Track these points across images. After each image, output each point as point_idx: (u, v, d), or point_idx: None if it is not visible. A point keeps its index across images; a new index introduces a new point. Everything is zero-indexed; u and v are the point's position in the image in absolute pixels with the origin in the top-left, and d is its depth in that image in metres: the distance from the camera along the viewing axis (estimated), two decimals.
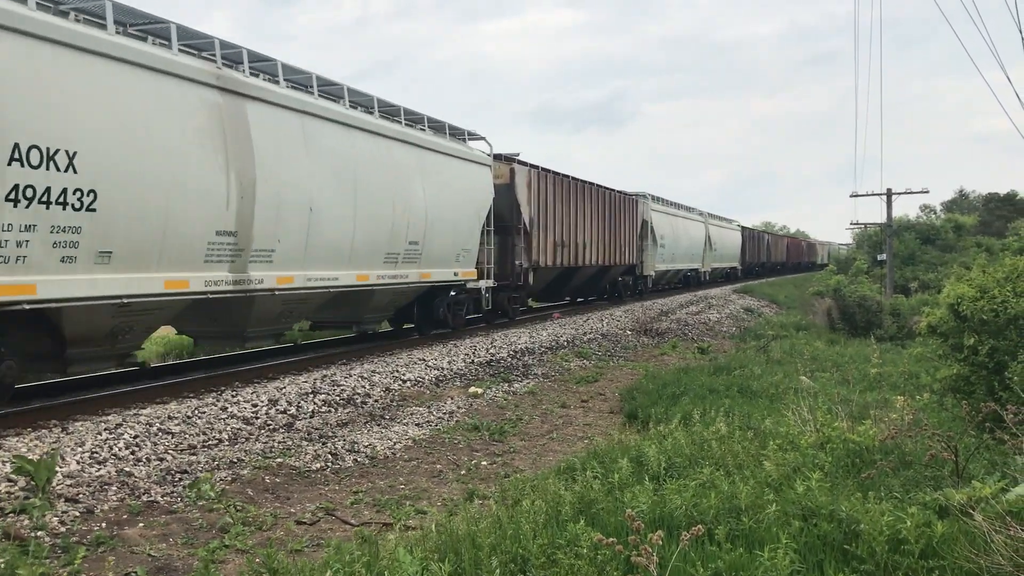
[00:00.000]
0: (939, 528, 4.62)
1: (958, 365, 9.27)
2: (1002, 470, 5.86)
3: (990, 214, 76.37)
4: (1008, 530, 4.37)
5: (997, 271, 9.72)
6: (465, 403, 11.75)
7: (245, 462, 8.12)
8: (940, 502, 5.20)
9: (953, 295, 9.49)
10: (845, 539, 4.76)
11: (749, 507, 5.20)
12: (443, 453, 9.00)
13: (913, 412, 7.66)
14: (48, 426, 8.90)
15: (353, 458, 8.56)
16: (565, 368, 15.65)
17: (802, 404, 8.03)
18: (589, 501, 5.66)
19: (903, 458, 6.54)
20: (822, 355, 16.91)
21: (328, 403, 11.02)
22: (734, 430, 7.94)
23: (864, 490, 5.61)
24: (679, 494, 5.44)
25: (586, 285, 30.15)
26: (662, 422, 9.30)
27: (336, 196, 13.35)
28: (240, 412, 10.00)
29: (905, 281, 41.46)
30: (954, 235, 51.15)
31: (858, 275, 36.12)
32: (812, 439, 6.98)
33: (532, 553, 4.60)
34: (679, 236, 39.08)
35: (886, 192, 40.95)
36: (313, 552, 5.87)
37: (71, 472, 7.32)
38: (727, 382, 12.20)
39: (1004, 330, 8.74)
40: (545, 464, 8.42)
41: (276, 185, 11.82)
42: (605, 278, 30.87)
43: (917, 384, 11.83)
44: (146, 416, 9.40)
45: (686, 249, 40.80)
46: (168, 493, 7.05)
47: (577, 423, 10.85)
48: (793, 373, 13.20)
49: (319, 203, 12.82)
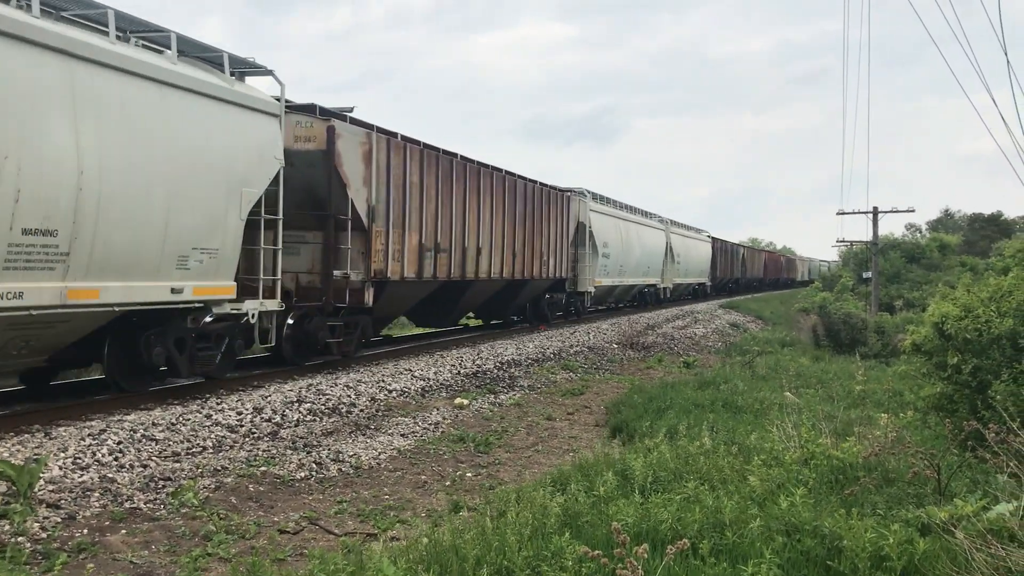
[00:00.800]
0: (921, 545, 4.65)
1: (941, 383, 9.34)
2: (984, 488, 5.90)
3: (975, 234, 77.02)
4: (989, 548, 4.40)
5: (981, 291, 9.81)
6: (451, 414, 11.73)
7: (229, 470, 8.08)
8: (922, 519, 5.23)
9: (937, 314, 9.56)
10: (828, 555, 4.78)
11: (733, 522, 5.22)
12: (428, 464, 8.98)
13: (896, 429, 7.71)
14: (31, 431, 8.83)
15: (338, 467, 8.54)
16: (551, 380, 15.66)
17: (786, 420, 8.07)
18: (574, 513, 5.67)
19: (886, 475, 6.58)
20: (807, 371, 16.97)
21: (313, 412, 10.98)
22: (719, 445, 7.96)
23: (847, 506, 5.64)
24: (664, 508, 5.45)
25: (491, 305, 23.28)
26: (647, 436, 9.32)
27: None
28: (225, 420, 9.95)
29: (890, 299, 41.70)
30: (939, 254, 51.54)
31: (843, 292, 36.34)
32: (796, 455, 7.01)
33: (517, 565, 4.61)
34: (630, 244, 32.91)
35: (872, 210, 41.22)
36: (296, 561, 5.85)
37: (53, 478, 7.27)
38: (712, 397, 12.23)
39: (987, 349, 8.81)
40: (530, 476, 8.42)
41: None
42: (521, 295, 23.68)
43: (901, 402, 11.88)
44: (130, 422, 9.35)
45: (640, 261, 34.73)
46: (151, 500, 7.01)
47: (563, 435, 10.86)
48: (778, 389, 13.25)
49: None
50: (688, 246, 45.07)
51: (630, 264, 33.16)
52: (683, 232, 44.69)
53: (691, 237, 46.61)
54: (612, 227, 30.71)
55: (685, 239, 44.49)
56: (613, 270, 30.89)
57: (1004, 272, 21.32)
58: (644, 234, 35.50)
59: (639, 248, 34.33)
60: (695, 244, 47.29)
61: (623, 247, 31.86)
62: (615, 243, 30.83)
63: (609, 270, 30.34)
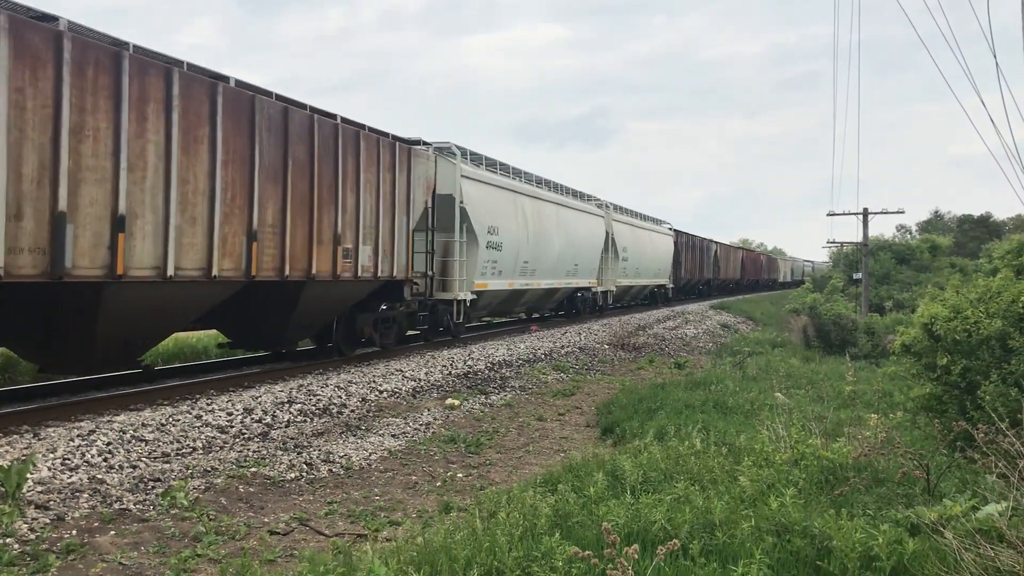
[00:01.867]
0: (910, 545, 4.67)
1: (931, 384, 9.37)
2: (973, 489, 5.92)
3: (964, 235, 77.44)
4: (978, 548, 4.42)
5: (970, 292, 9.84)
6: (442, 415, 11.72)
7: (219, 471, 8.06)
8: (912, 520, 5.25)
9: (927, 315, 9.59)
10: (818, 555, 4.79)
11: (723, 522, 5.23)
12: (419, 465, 8.97)
13: (886, 430, 7.72)
14: (20, 431, 8.79)
15: (328, 468, 8.52)
16: (542, 381, 15.66)
17: (777, 421, 8.09)
18: (565, 514, 5.67)
19: (876, 476, 6.60)
20: (797, 372, 17.01)
21: (304, 413, 10.96)
22: (709, 445, 7.98)
23: (837, 507, 5.65)
24: (655, 508, 5.46)
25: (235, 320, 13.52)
26: (638, 436, 9.34)
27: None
28: (215, 421, 9.93)
29: (880, 300, 41.85)
30: (930, 255, 51.73)
31: (834, 293, 36.43)
32: (786, 456, 7.03)
33: (507, 566, 4.60)
34: (541, 231, 23.60)
35: (862, 212, 41.37)
36: (286, 562, 5.83)
37: (42, 478, 7.24)
38: (703, 397, 12.25)
39: (976, 350, 8.84)
40: (521, 477, 8.42)
41: None
42: (294, 316, 13.51)
43: (890, 402, 11.92)
44: (120, 423, 9.32)
45: (561, 256, 25.38)
46: (140, 501, 6.98)
47: (553, 436, 10.86)
48: (768, 389, 13.27)
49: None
50: (640, 239, 36.51)
51: (544, 260, 24.15)
52: (632, 221, 35.95)
53: (644, 228, 37.95)
54: (499, 203, 20.99)
55: (636, 230, 35.97)
56: (508, 268, 21.47)
57: (993, 273, 21.43)
58: (569, 220, 26.44)
59: (559, 239, 25.25)
60: (650, 237, 38.59)
61: (521, 234, 22.36)
62: (509, 228, 21.38)
63: (500, 268, 20.93)
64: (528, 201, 23.38)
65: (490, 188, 20.67)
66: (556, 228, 25.40)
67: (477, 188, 19.75)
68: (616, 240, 32.56)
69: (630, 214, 36.67)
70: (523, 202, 22.99)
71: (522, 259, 22.67)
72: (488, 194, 20.44)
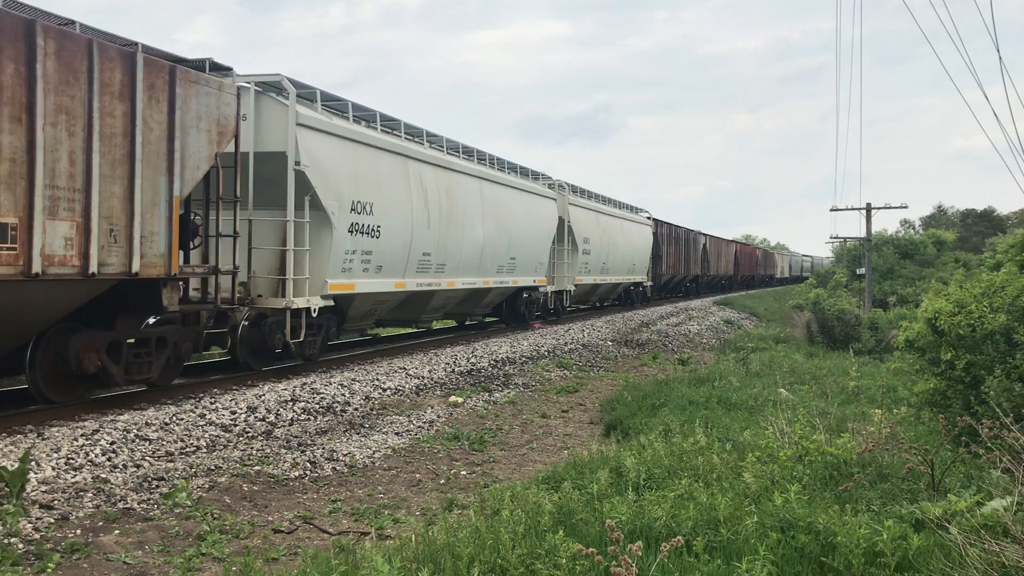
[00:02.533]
0: (915, 541, 4.66)
1: (935, 379, 9.34)
2: (977, 484, 5.91)
3: (967, 230, 77.31)
4: (983, 543, 4.41)
5: (974, 286, 9.82)
6: (445, 412, 11.72)
7: (223, 469, 8.06)
8: (916, 515, 5.24)
9: (931, 310, 9.57)
10: (822, 551, 4.78)
11: (727, 519, 5.22)
12: (422, 462, 8.97)
13: (890, 426, 7.71)
14: (24, 431, 8.80)
15: (332, 466, 8.52)
16: (545, 378, 15.66)
17: (781, 416, 8.08)
18: (568, 511, 5.67)
19: (880, 471, 6.59)
20: (801, 368, 16.99)
21: (307, 411, 10.96)
22: (713, 442, 7.97)
23: (841, 503, 5.65)
24: (658, 505, 5.45)
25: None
26: (641, 433, 9.33)
27: None
28: (218, 419, 9.93)
29: (883, 295, 41.82)
30: (934, 249, 51.67)
31: (837, 289, 36.39)
32: (790, 451, 7.02)
33: (511, 563, 4.60)
34: (453, 212, 17.97)
35: (865, 207, 41.31)
36: (290, 561, 5.83)
37: (46, 478, 7.24)
38: (706, 394, 12.24)
39: (981, 345, 8.82)
40: (525, 474, 8.41)
41: None
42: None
43: (894, 398, 11.91)
44: (123, 422, 9.32)
45: (488, 246, 19.98)
46: (144, 500, 6.98)
47: (557, 433, 10.85)
48: (772, 385, 13.26)
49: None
50: (608, 229, 30.44)
51: (464, 253, 18.79)
52: (597, 207, 29.88)
53: (614, 215, 31.94)
54: (386, 173, 15.25)
55: (602, 218, 30.03)
56: (394, 262, 15.72)
57: (996, 268, 21.38)
58: (501, 200, 20.73)
59: (486, 224, 19.85)
60: (621, 227, 32.46)
61: (430, 217, 16.85)
62: (397, 208, 15.53)
63: (384, 263, 15.31)
64: (430, 171, 17.06)
65: (355, 147, 14.30)
66: (480, 210, 19.42)
67: (328, 145, 13.49)
68: (574, 228, 26.81)
69: (595, 198, 30.53)
70: (421, 171, 16.63)
71: (420, 250, 16.68)
72: (352, 155, 14.17)
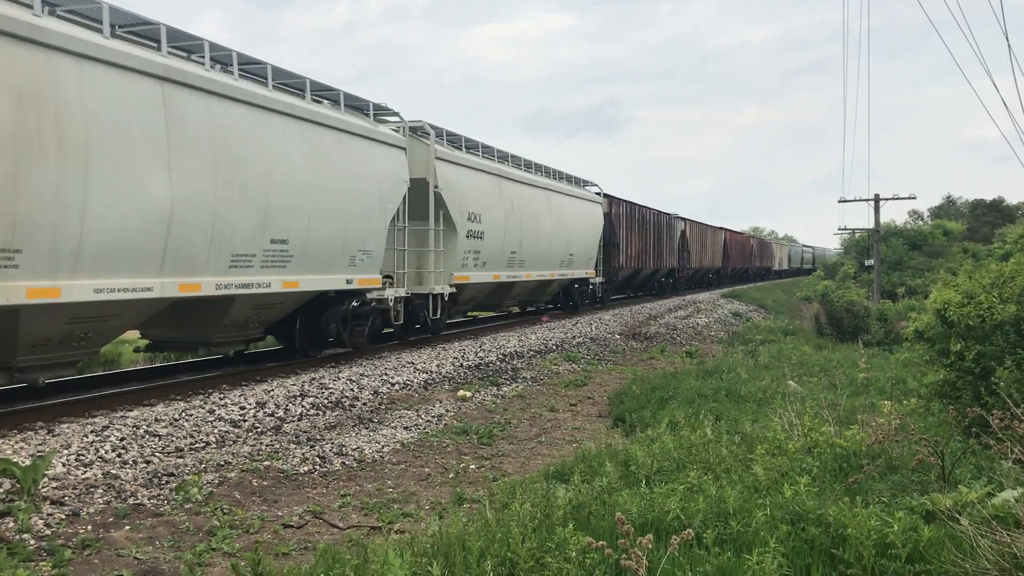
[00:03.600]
0: (926, 533, 4.64)
1: (944, 370, 9.30)
2: (988, 475, 5.89)
3: (976, 220, 77.00)
4: (994, 535, 4.39)
5: (984, 277, 9.77)
6: (453, 406, 11.73)
7: (232, 465, 8.08)
8: (927, 507, 5.22)
9: (940, 301, 9.52)
10: (832, 543, 4.77)
11: (737, 511, 5.21)
12: (431, 456, 8.99)
13: (900, 417, 7.68)
14: (34, 428, 8.84)
15: (341, 461, 8.54)
16: (554, 372, 15.66)
17: (789, 408, 8.06)
18: (578, 505, 5.66)
19: (890, 463, 6.56)
20: (809, 360, 16.95)
21: (316, 406, 10.98)
22: (722, 434, 7.95)
23: (851, 495, 5.62)
24: (668, 498, 5.44)
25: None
26: (650, 426, 9.32)
27: None
28: (228, 415, 9.96)
29: (892, 286, 41.66)
30: (944, 239, 51.43)
31: (846, 280, 36.29)
32: (799, 443, 7.00)
33: (521, 557, 4.60)
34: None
35: (874, 197, 41.16)
36: (301, 555, 5.85)
37: (57, 474, 7.28)
38: (715, 386, 12.23)
39: (990, 336, 8.78)
40: (533, 468, 8.42)
41: None
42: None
43: (904, 389, 11.86)
44: (133, 418, 9.36)
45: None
46: (155, 496, 7.01)
47: (565, 427, 10.86)
48: (781, 377, 13.23)
49: None
50: (523, 203, 21.23)
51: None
52: (497, 169, 20.18)
53: (535, 184, 22.36)
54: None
55: (506, 184, 20.43)
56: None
57: (1005, 258, 21.28)
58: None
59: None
60: (548, 201, 22.87)
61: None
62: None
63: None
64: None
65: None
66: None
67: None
68: (447, 198, 17.25)
69: (502, 158, 21.02)
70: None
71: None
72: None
